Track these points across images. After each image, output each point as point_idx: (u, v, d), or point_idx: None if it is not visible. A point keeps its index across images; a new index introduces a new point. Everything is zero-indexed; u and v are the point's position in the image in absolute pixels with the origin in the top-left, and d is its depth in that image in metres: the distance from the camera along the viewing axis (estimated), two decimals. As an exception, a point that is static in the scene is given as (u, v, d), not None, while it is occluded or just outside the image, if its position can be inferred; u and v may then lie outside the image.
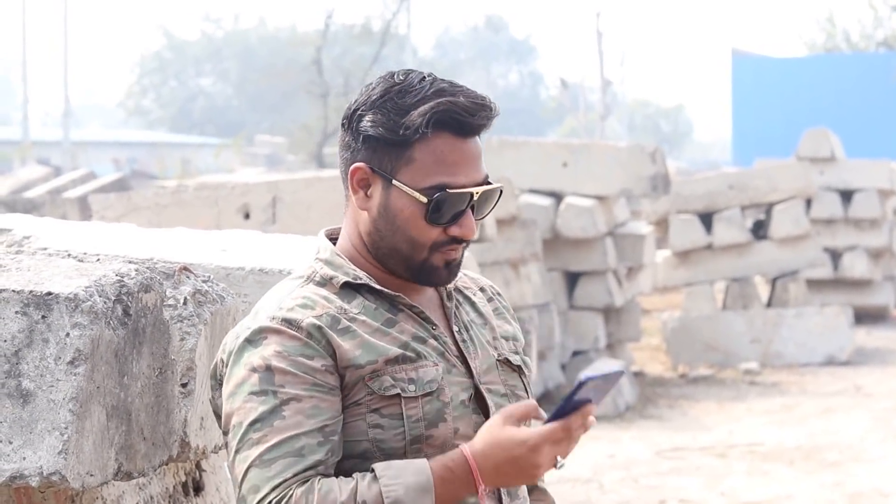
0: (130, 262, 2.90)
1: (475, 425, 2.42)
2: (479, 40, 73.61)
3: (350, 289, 2.44)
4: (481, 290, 2.62)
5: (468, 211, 2.41)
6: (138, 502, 2.96)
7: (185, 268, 2.99)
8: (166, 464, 2.89)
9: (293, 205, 8.38)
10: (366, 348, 2.38)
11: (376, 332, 2.40)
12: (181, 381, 2.88)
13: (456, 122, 2.38)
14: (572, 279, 13.28)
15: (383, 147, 2.39)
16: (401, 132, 2.37)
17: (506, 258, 11.04)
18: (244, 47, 65.73)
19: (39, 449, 2.53)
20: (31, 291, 2.58)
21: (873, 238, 17.29)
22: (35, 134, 51.21)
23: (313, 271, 2.47)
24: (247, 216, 8.44)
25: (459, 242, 2.43)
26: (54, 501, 2.74)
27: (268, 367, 2.33)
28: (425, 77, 2.41)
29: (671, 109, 72.10)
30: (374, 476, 2.28)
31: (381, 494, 2.26)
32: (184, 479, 3.17)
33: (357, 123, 2.41)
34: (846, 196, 17.24)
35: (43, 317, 2.56)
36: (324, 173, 10.45)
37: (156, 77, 68.60)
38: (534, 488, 2.63)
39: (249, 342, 2.37)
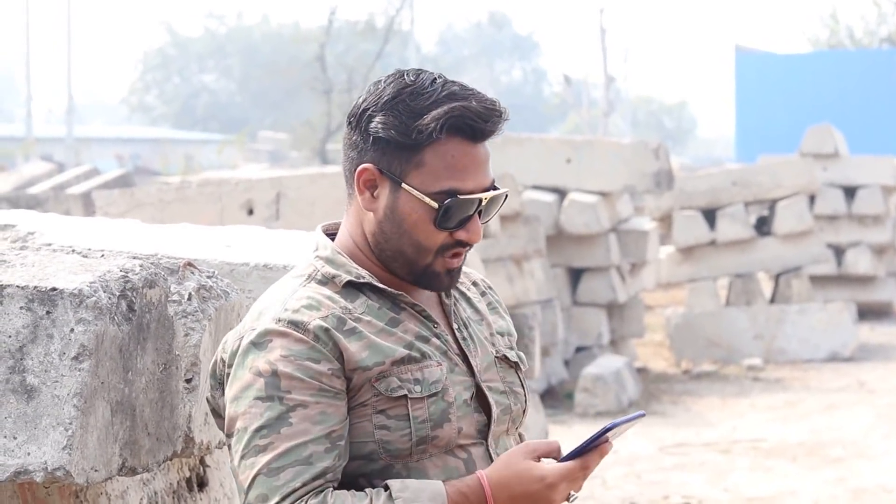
0: (135, 258, 2.90)
1: (477, 424, 2.42)
2: (483, 37, 73.52)
3: (353, 288, 2.41)
4: (474, 285, 2.61)
5: (475, 216, 2.40)
6: (142, 498, 2.96)
7: (190, 263, 2.99)
8: (170, 459, 2.89)
9: (297, 201, 8.37)
10: (372, 350, 2.36)
11: (381, 333, 2.38)
12: (185, 377, 2.88)
13: (469, 128, 2.36)
14: (576, 275, 13.28)
15: (393, 149, 2.36)
16: (413, 136, 2.34)
17: (509, 254, 11.03)
18: (247, 44, 65.69)
19: (44, 444, 2.53)
20: (36, 287, 2.57)
21: (877, 234, 17.27)
22: (38, 130, 51.22)
23: (314, 269, 2.44)
24: (250, 212, 8.44)
25: (464, 246, 2.41)
26: (58, 497, 2.74)
27: (274, 373, 2.31)
28: (436, 79, 2.38)
29: (674, 106, 72.01)
30: (390, 495, 2.28)
31: None
32: (188, 475, 3.17)
33: (367, 124, 2.37)
34: (849, 192, 17.22)
35: (47, 312, 2.56)
36: (327, 169, 10.45)
37: (159, 73, 68.58)
38: None
39: (255, 345, 2.34)
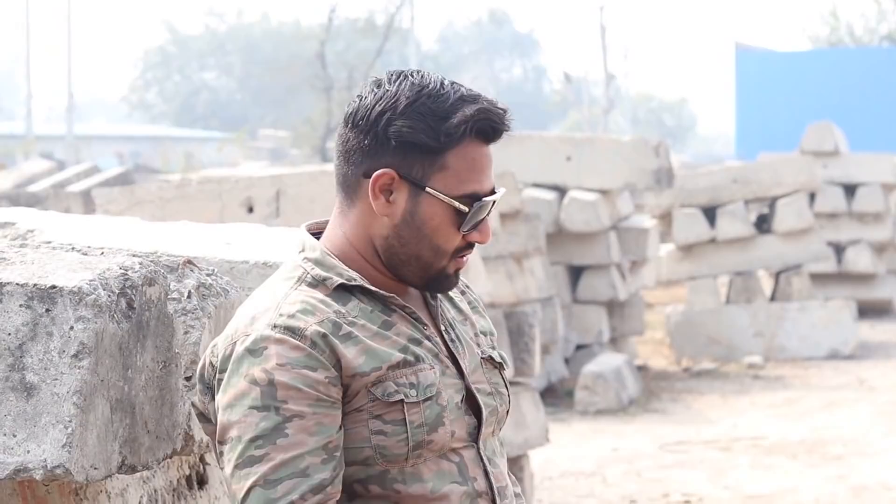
0: (134, 256, 2.90)
1: (468, 427, 2.41)
2: (483, 34, 73.52)
3: (344, 290, 2.38)
4: None
5: (487, 217, 2.40)
6: (142, 496, 2.96)
7: (189, 261, 2.98)
8: (170, 457, 2.88)
9: (297, 198, 8.37)
10: (369, 355, 2.33)
11: (376, 336, 2.36)
12: (185, 375, 2.88)
13: (491, 129, 2.36)
14: (576, 273, 13.28)
15: (416, 153, 2.34)
16: (441, 138, 2.33)
17: (509, 252, 11.03)
18: (248, 42, 65.70)
19: (43, 442, 2.53)
20: (36, 285, 2.57)
21: (877, 232, 17.28)
22: (39, 128, 51.24)
23: (304, 272, 2.40)
24: (250, 210, 8.43)
25: (472, 247, 2.42)
26: (58, 495, 2.74)
27: (270, 382, 2.27)
28: (443, 80, 2.37)
29: (675, 103, 72.04)
30: None
31: None
32: (188, 473, 3.17)
33: (386, 128, 2.34)
34: (850, 190, 17.23)
35: (47, 310, 2.56)
36: (328, 167, 10.45)
37: (159, 71, 68.58)
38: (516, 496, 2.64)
39: (250, 352, 2.30)
